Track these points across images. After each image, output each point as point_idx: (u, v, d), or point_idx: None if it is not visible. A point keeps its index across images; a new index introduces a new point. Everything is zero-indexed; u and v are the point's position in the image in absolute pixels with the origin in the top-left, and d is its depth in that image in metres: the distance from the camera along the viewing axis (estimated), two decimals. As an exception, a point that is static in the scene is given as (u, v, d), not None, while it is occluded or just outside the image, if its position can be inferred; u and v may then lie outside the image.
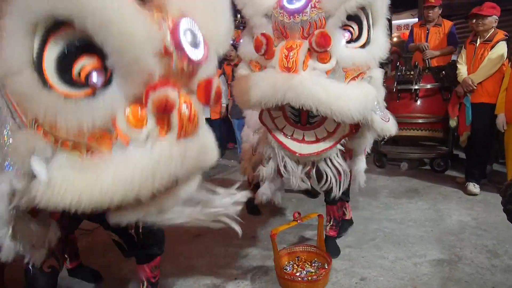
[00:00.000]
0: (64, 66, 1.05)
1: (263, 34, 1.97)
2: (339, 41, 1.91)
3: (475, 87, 3.47)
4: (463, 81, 3.54)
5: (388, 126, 2.31)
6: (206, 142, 1.35)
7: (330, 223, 2.53)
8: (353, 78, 1.98)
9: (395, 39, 9.48)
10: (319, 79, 1.90)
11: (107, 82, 1.09)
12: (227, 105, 5.43)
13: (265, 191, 2.49)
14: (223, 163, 5.04)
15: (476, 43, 3.52)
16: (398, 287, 2.16)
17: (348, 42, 1.94)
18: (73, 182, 1.12)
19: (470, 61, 3.58)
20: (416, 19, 7.52)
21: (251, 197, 2.93)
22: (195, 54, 1.21)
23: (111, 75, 1.09)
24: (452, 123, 3.81)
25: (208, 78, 1.28)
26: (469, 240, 2.67)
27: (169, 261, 2.48)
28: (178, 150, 1.19)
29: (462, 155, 4.33)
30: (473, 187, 3.53)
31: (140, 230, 1.78)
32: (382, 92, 2.26)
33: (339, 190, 2.29)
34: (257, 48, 1.97)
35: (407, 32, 7.01)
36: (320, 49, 1.87)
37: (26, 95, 1.07)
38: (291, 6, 1.92)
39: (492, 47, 3.40)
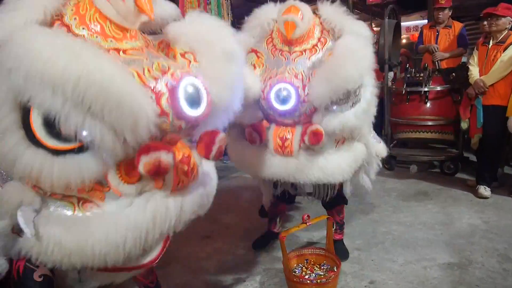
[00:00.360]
0: (52, 122, 1.02)
1: (254, 128, 1.99)
2: (330, 122, 1.94)
3: (486, 89, 3.44)
4: (474, 83, 3.51)
5: (380, 147, 2.46)
6: (205, 186, 1.31)
7: (333, 227, 2.52)
8: (342, 141, 2.11)
9: (404, 41, 9.43)
10: (314, 160, 2.02)
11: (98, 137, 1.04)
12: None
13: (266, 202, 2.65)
14: (231, 165, 5.04)
15: (489, 44, 3.48)
16: (408, 291, 2.15)
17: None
18: (62, 242, 1.08)
19: (482, 63, 3.54)
20: (426, 21, 7.48)
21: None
22: (195, 113, 1.16)
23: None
24: (464, 125, 3.78)
25: (213, 132, 1.23)
26: (479, 244, 2.64)
27: (177, 262, 2.50)
28: (174, 204, 1.16)
29: (472, 157, 4.29)
30: (484, 190, 3.49)
31: None
32: (372, 114, 2.31)
33: (327, 195, 2.36)
34: (252, 143, 2.01)
35: (416, 34, 6.98)
36: (314, 146, 1.96)
37: (11, 155, 1.04)
38: (280, 107, 1.92)
39: (505, 49, 3.36)
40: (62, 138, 1.03)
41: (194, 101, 1.15)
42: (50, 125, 1.02)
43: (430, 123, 4.21)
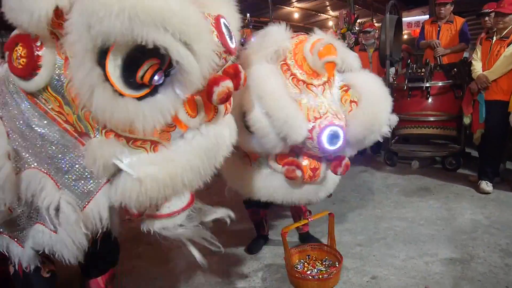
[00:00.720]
0: (129, 73, 1.09)
1: (297, 166, 2.00)
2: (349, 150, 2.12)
3: (489, 84, 3.42)
4: (477, 78, 3.49)
5: None
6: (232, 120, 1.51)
7: (301, 219, 2.49)
8: None
9: (405, 37, 9.41)
10: (324, 182, 2.18)
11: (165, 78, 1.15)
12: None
13: None
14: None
15: (493, 39, 3.46)
16: (410, 286, 2.15)
17: None
18: (158, 177, 1.21)
19: (485, 58, 3.52)
20: (427, 16, 7.46)
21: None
22: (233, 45, 1.30)
23: (168, 72, 1.13)
24: (466, 120, 3.77)
25: (233, 64, 1.34)
26: (481, 239, 2.64)
27: (180, 259, 2.51)
28: (227, 130, 1.39)
29: (474, 153, 4.28)
30: (486, 185, 3.49)
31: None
32: None
33: None
34: (293, 179, 2.02)
35: (417, 29, 6.96)
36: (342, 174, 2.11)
37: (108, 108, 1.10)
38: (330, 148, 1.93)
39: (508, 44, 3.33)
40: (135, 86, 1.11)
41: (230, 35, 1.28)
42: (128, 77, 1.10)
43: (432, 118, 4.20)
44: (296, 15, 14.53)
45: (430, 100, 4.21)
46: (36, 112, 1.26)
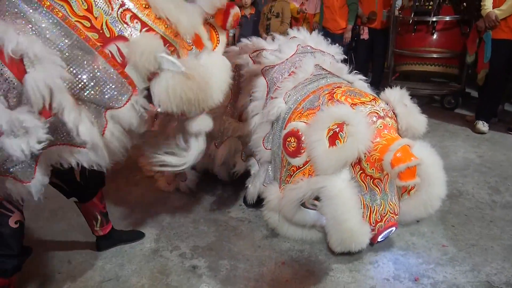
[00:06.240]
0: None
1: None
2: None
3: (498, 24, 3.28)
4: (486, 15, 3.33)
5: None
6: None
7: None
8: None
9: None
10: None
11: None
12: (234, 34, 5.26)
13: None
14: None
15: None
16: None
17: None
18: (197, 76, 1.36)
19: (496, -7, 3.34)
20: None
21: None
22: None
23: None
24: (470, 58, 3.68)
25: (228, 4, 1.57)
26: (472, 176, 2.71)
27: (178, 191, 2.56)
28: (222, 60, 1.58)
29: (474, 93, 4.24)
30: (482, 125, 3.50)
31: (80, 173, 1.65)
32: None
33: None
34: None
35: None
36: None
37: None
38: (379, 240, 1.94)
39: None
40: None
41: None
42: None
43: (435, 55, 4.10)
44: None
45: (435, 36, 4.08)
46: (51, 19, 1.22)
